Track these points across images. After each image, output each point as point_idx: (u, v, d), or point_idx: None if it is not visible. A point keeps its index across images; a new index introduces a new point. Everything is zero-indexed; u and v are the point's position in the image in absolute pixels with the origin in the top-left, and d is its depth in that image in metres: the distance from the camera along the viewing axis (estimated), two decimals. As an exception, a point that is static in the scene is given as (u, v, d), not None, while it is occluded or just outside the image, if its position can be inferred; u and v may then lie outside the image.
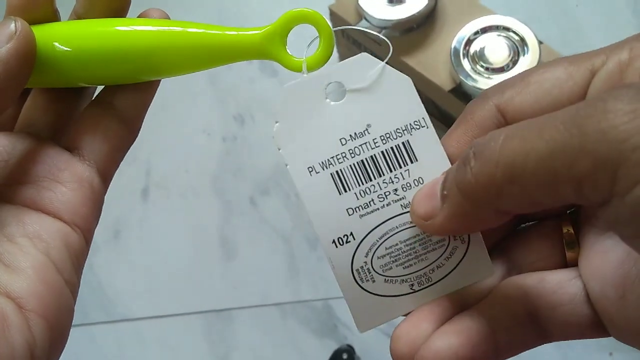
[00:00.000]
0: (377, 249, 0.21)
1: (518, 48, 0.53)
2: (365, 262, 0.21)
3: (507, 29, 0.54)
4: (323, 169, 0.21)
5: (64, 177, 0.21)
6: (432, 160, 0.21)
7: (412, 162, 0.22)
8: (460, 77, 0.53)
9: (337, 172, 0.21)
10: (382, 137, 0.21)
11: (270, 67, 0.71)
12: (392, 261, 0.21)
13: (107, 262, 0.66)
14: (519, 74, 0.21)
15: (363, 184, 0.21)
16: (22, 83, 0.21)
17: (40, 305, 0.19)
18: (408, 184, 0.21)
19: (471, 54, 0.54)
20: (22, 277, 0.19)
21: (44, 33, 0.21)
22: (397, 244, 0.21)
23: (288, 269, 0.64)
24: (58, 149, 0.22)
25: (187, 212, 0.67)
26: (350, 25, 0.59)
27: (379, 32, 0.58)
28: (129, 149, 0.24)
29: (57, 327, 0.20)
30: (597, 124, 0.15)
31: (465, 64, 0.53)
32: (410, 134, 0.22)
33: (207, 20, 0.82)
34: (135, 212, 0.67)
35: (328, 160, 0.21)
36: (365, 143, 0.21)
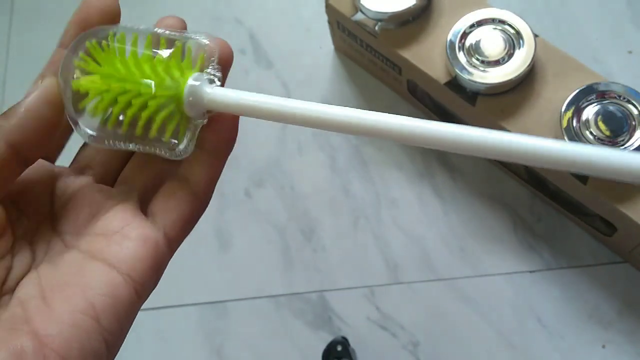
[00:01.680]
0: None
1: (513, 41, 0.53)
2: None
3: (502, 22, 0.54)
4: None
5: (133, 234, 0.24)
6: None
7: None
8: (456, 70, 0.53)
9: None
10: None
11: (265, 58, 0.71)
12: None
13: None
14: None
15: None
16: (50, 126, 0.23)
17: (63, 347, 0.21)
18: None
19: (467, 47, 0.54)
20: (56, 319, 0.21)
21: None
22: None
23: (283, 261, 0.64)
24: (137, 211, 0.25)
25: (181, 204, 0.67)
26: (346, 17, 0.59)
27: (375, 25, 0.58)
28: (198, 219, 0.26)
29: None
30: None
31: (461, 56, 0.53)
32: None
33: (201, 11, 0.82)
34: (130, 203, 0.67)
35: None
36: None
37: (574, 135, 0.49)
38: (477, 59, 0.53)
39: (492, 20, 0.54)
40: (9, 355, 0.20)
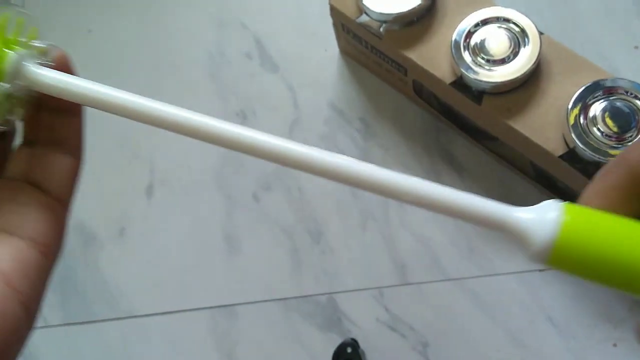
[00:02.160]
0: None
1: (519, 39, 0.53)
2: None
3: (507, 21, 0.54)
4: None
5: (26, 200, 0.25)
6: None
7: None
8: (461, 69, 0.53)
9: None
10: None
11: (270, 62, 0.71)
12: None
13: (112, 259, 0.67)
14: None
15: None
16: None
17: None
18: None
19: (472, 46, 0.53)
20: None
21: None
22: None
23: (291, 263, 0.64)
24: (18, 182, 0.25)
25: (190, 208, 0.67)
26: (351, 19, 0.59)
27: (379, 26, 0.58)
28: (81, 169, 0.27)
29: None
30: None
31: (466, 56, 0.53)
32: None
33: (206, 16, 0.82)
34: (140, 209, 0.68)
35: None
36: None
37: (582, 132, 0.49)
38: (483, 58, 0.53)
39: (497, 19, 0.54)
40: None
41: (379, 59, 0.62)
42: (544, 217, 0.22)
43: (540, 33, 0.53)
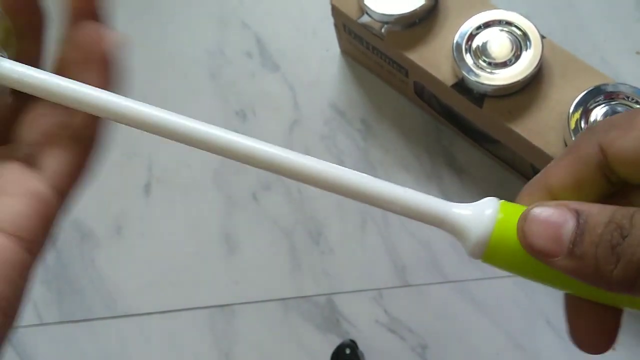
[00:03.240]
0: None
1: (520, 42, 0.53)
2: None
3: (509, 24, 0.54)
4: None
5: (15, 191, 0.23)
6: None
7: None
8: (463, 72, 0.53)
9: None
10: None
11: (271, 62, 0.71)
12: None
13: (109, 257, 0.67)
14: (629, 112, 0.22)
15: None
16: None
17: None
18: None
19: (473, 48, 0.53)
20: None
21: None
22: None
23: (290, 264, 0.64)
24: (20, 167, 0.24)
25: (189, 208, 0.67)
26: (352, 20, 0.59)
27: (381, 27, 0.57)
28: (89, 166, 0.26)
29: None
30: None
31: (468, 58, 0.53)
32: None
33: (207, 15, 0.82)
34: (137, 207, 0.68)
35: None
36: None
37: (582, 137, 0.49)
38: (484, 61, 0.53)
39: (499, 22, 0.54)
40: None
41: (380, 59, 0.62)
42: (480, 214, 0.23)
43: (542, 37, 0.53)
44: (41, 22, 0.26)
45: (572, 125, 0.49)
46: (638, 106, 0.49)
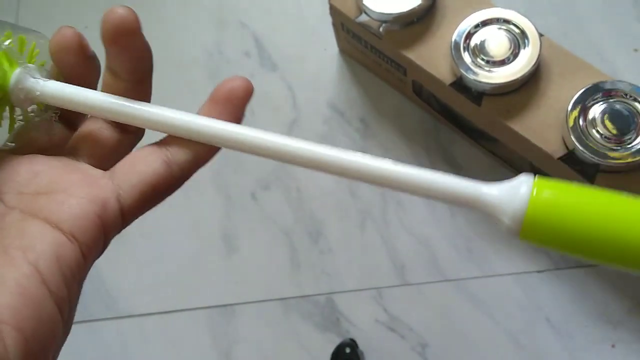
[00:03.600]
0: None
1: (519, 41, 0.53)
2: None
3: (507, 22, 0.54)
4: None
5: (79, 192, 0.22)
6: None
7: None
8: (461, 70, 0.53)
9: None
10: None
11: (269, 61, 0.71)
12: None
13: (109, 258, 0.66)
14: None
15: None
16: None
17: (15, 317, 0.19)
18: None
19: (472, 47, 0.53)
20: (2, 289, 0.19)
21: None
22: None
23: (290, 263, 0.64)
24: (89, 169, 0.23)
25: (188, 208, 0.67)
26: (351, 19, 0.59)
27: (379, 26, 0.57)
28: (165, 194, 0.25)
29: (34, 339, 0.19)
30: None
31: (466, 57, 0.53)
32: None
33: (205, 14, 0.82)
34: (137, 208, 0.67)
35: None
36: None
37: (581, 134, 0.49)
38: (482, 59, 0.53)
39: (497, 20, 0.54)
40: None
41: (378, 58, 0.62)
42: (514, 192, 0.22)
43: (540, 35, 0.53)
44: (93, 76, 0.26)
45: (571, 123, 0.50)
46: (636, 103, 0.49)
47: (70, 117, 0.26)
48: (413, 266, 0.62)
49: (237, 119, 0.26)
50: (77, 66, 0.25)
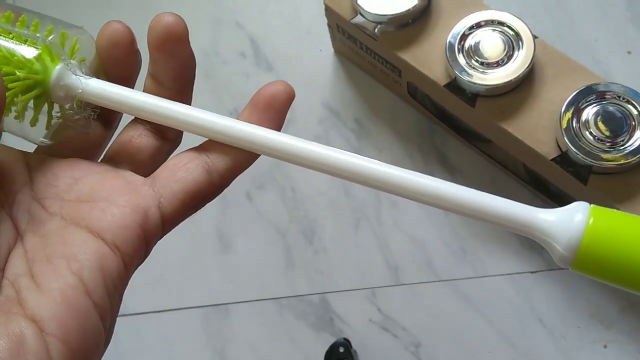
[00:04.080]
0: None
1: (513, 42, 0.53)
2: None
3: (501, 24, 0.54)
4: None
5: (121, 201, 0.22)
6: None
7: None
8: (455, 72, 0.53)
9: None
10: None
11: (265, 62, 0.71)
12: None
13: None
14: None
15: None
16: None
17: (61, 329, 0.19)
18: None
19: (466, 48, 0.54)
20: (47, 300, 0.19)
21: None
22: None
23: (284, 263, 0.64)
24: (130, 176, 0.23)
25: (183, 207, 0.67)
26: (346, 20, 0.59)
27: (374, 27, 0.58)
28: (205, 201, 0.24)
29: (80, 352, 0.19)
30: None
31: (460, 58, 0.54)
32: None
33: (201, 14, 0.82)
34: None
35: None
36: None
37: (574, 136, 0.49)
38: (477, 61, 0.53)
39: (491, 22, 0.54)
40: (10, 341, 0.18)
41: (373, 59, 0.62)
42: (569, 219, 0.21)
43: (534, 37, 0.53)
44: (133, 72, 0.25)
45: (564, 125, 0.50)
46: (629, 105, 0.50)
47: (107, 116, 0.25)
48: (407, 266, 0.63)
49: (278, 125, 0.25)
50: (123, 61, 0.24)
